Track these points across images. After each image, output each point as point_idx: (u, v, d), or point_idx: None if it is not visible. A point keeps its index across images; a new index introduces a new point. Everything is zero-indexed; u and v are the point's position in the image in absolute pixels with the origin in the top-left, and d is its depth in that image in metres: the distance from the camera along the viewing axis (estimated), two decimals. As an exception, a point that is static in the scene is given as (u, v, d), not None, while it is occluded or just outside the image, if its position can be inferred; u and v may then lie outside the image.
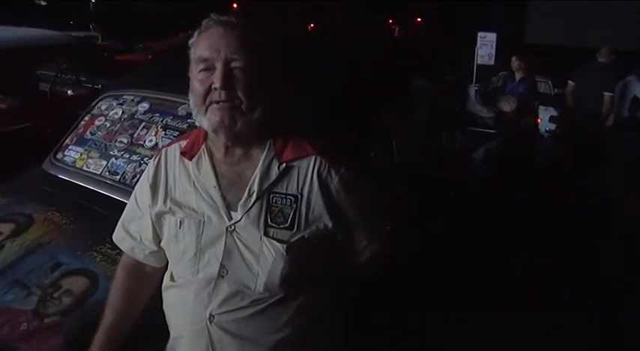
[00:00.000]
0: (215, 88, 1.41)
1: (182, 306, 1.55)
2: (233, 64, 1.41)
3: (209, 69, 1.43)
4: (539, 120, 6.67)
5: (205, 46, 1.43)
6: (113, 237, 1.77)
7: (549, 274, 4.17)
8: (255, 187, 1.48)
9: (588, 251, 4.53)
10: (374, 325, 2.41)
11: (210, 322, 1.49)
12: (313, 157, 1.52)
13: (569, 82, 7.53)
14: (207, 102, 1.44)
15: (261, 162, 1.50)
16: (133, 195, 1.72)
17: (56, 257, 2.13)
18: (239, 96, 1.42)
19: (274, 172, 1.49)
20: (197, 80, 1.45)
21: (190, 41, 1.50)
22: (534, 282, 4.04)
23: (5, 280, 2.04)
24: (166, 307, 1.65)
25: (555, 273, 4.21)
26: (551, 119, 7.81)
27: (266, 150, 1.51)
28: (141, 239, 1.68)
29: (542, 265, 4.26)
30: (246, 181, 1.50)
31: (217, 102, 1.42)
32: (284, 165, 1.50)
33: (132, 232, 1.70)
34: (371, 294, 2.21)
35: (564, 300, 3.91)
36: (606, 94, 6.94)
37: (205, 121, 1.45)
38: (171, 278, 1.62)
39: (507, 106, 4.84)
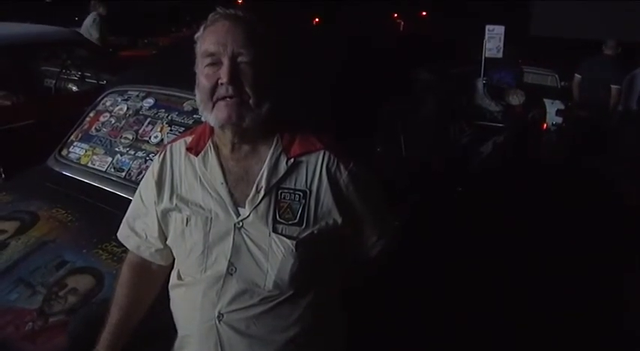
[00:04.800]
0: (222, 84, 1.39)
1: (190, 304, 1.54)
2: (240, 59, 1.39)
3: (215, 63, 1.40)
4: (545, 124, 6.63)
5: (212, 41, 1.40)
6: (118, 235, 1.75)
7: (554, 266, 4.17)
8: (263, 183, 1.46)
9: (592, 248, 4.51)
10: (378, 322, 2.40)
11: (219, 320, 1.47)
12: (322, 152, 1.50)
13: (576, 75, 7.48)
14: (215, 98, 1.41)
15: (268, 157, 1.48)
16: (137, 192, 1.70)
17: (61, 255, 2.12)
18: (246, 91, 1.40)
19: (282, 167, 1.47)
20: (203, 75, 1.42)
21: (196, 35, 1.48)
22: (539, 274, 4.05)
23: (10, 278, 2.03)
24: (174, 306, 1.63)
25: (560, 265, 4.20)
26: (558, 112, 7.76)
27: (273, 145, 1.49)
28: (146, 237, 1.65)
29: (547, 258, 4.26)
30: (254, 177, 1.48)
31: (224, 98, 1.40)
32: (292, 160, 1.48)
33: (137, 230, 1.68)
34: (376, 290, 2.19)
35: (570, 290, 3.92)
36: (613, 87, 6.90)
37: (212, 117, 1.43)
38: (179, 276, 1.60)
39: (516, 99, 4.79)
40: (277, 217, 1.46)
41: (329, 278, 1.60)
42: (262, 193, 1.46)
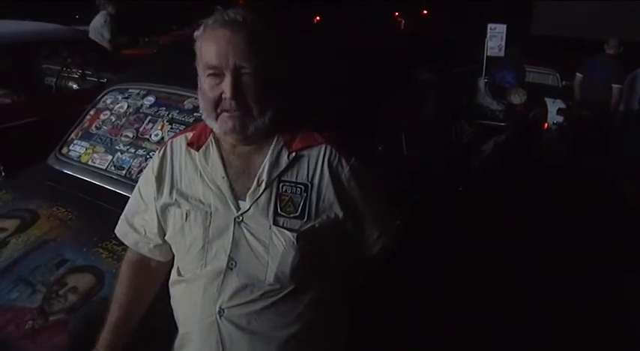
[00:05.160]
0: (225, 98, 1.39)
1: (191, 301, 1.53)
2: (242, 71, 1.38)
3: (217, 75, 1.40)
4: (546, 124, 6.63)
5: (212, 52, 1.39)
6: (116, 231, 1.74)
7: (554, 266, 4.17)
8: (265, 176, 1.46)
9: (592, 248, 4.51)
10: (379, 321, 2.40)
11: (220, 316, 1.47)
12: (323, 146, 1.50)
13: (577, 74, 7.47)
14: (219, 110, 1.42)
15: (270, 151, 1.48)
16: (136, 188, 1.70)
17: (61, 254, 2.11)
18: (249, 103, 1.40)
19: (284, 160, 1.48)
20: (206, 84, 1.43)
21: (196, 34, 1.46)
22: (539, 274, 4.05)
23: (10, 277, 2.02)
24: (174, 303, 1.63)
25: (560, 265, 4.20)
26: (559, 112, 7.75)
27: (275, 140, 1.50)
28: (145, 233, 1.65)
29: (547, 258, 4.27)
30: (255, 171, 1.48)
31: (228, 111, 1.40)
32: (293, 154, 1.49)
33: (136, 226, 1.67)
34: (377, 289, 2.19)
35: (570, 290, 3.92)
36: (615, 86, 6.89)
37: (216, 125, 1.45)
38: (178, 273, 1.60)
39: (517, 98, 4.79)
40: (278, 210, 1.46)
41: (330, 274, 1.60)
42: (263, 186, 1.46)
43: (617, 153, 6.81)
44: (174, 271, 1.63)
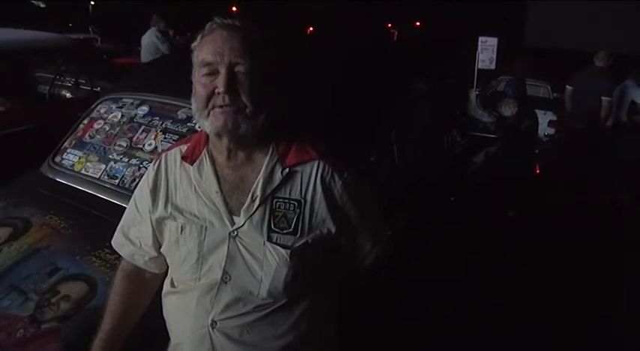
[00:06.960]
0: (218, 93, 1.39)
1: (184, 312, 1.53)
2: (237, 68, 1.40)
3: (212, 73, 1.41)
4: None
5: (209, 50, 1.41)
6: (112, 242, 1.74)
7: (548, 277, 4.18)
8: (259, 192, 1.46)
9: (588, 254, 4.53)
10: (371, 329, 2.40)
11: (213, 328, 1.47)
12: (316, 162, 1.50)
13: (567, 86, 7.51)
14: (210, 106, 1.42)
15: (264, 166, 1.48)
16: (132, 200, 1.70)
17: (54, 262, 2.11)
18: (243, 100, 1.40)
19: (278, 176, 1.48)
20: (200, 84, 1.43)
21: (193, 44, 1.48)
22: (533, 285, 4.04)
23: (2, 285, 2.02)
24: (167, 314, 1.63)
25: (554, 275, 4.21)
26: (550, 124, 7.80)
27: (269, 154, 1.50)
28: (141, 245, 1.66)
29: (540, 269, 4.27)
30: (250, 186, 1.49)
31: (220, 106, 1.40)
32: (287, 170, 1.49)
33: (131, 238, 1.68)
34: (369, 298, 2.19)
35: (564, 303, 3.92)
36: (604, 98, 6.92)
37: (208, 124, 1.43)
38: (172, 284, 1.60)
39: (508, 110, 4.83)
40: (272, 226, 1.46)
41: (323, 287, 1.60)
42: (257, 202, 1.46)
43: (608, 164, 6.84)
44: (167, 282, 1.64)
